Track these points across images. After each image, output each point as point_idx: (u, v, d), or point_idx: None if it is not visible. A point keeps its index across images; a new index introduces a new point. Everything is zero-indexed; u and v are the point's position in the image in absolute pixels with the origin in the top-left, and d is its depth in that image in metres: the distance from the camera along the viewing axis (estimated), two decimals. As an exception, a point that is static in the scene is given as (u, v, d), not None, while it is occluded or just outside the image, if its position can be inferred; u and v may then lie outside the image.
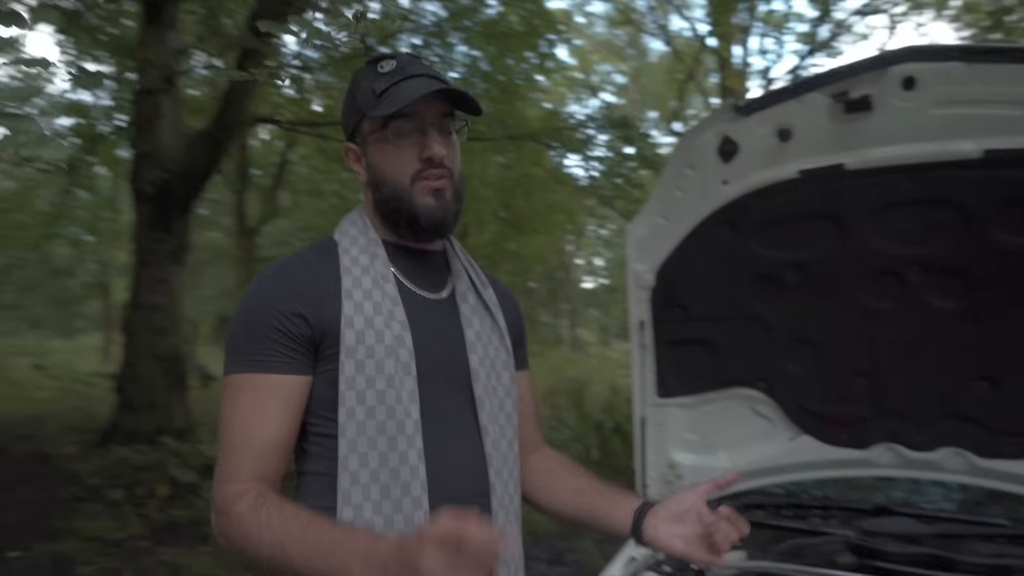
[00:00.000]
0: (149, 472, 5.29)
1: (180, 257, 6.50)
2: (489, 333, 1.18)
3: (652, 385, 2.23)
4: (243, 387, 1.02)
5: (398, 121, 1.08)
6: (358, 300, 1.05)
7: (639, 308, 2.20)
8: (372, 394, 1.02)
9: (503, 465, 1.13)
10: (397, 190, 1.10)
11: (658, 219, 2.16)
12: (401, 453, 1.01)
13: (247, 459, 1.00)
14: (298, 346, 1.03)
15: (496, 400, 1.15)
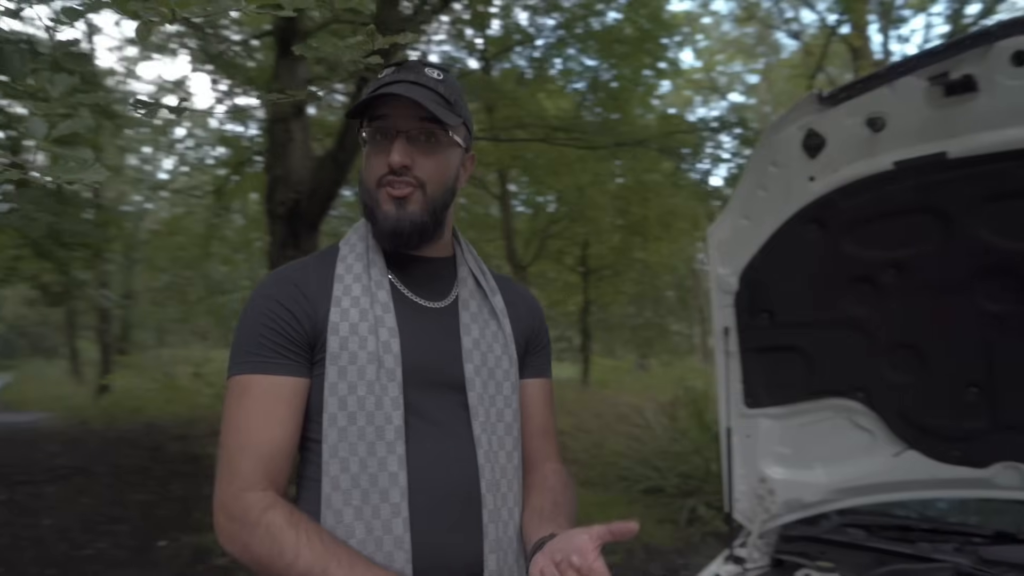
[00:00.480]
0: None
1: (309, 272, 6.93)
2: (490, 341, 1.15)
3: (739, 394, 2.12)
4: (247, 388, 1.03)
5: (372, 126, 1.09)
6: (345, 307, 1.06)
7: (723, 314, 2.11)
8: (353, 400, 1.02)
9: (500, 477, 1.10)
10: (368, 194, 1.11)
11: (741, 220, 2.06)
12: (380, 459, 1.01)
13: (259, 463, 1.00)
14: (297, 348, 1.05)
15: (494, 410, 1.12)
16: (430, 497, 1.03)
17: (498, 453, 1.10)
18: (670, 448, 6.88)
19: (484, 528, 1.05)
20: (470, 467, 1.06)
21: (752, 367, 2.10)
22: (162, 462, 6.70)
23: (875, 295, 1.92)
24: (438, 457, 1.05)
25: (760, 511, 2.11)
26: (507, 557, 1.08)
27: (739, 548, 2.09)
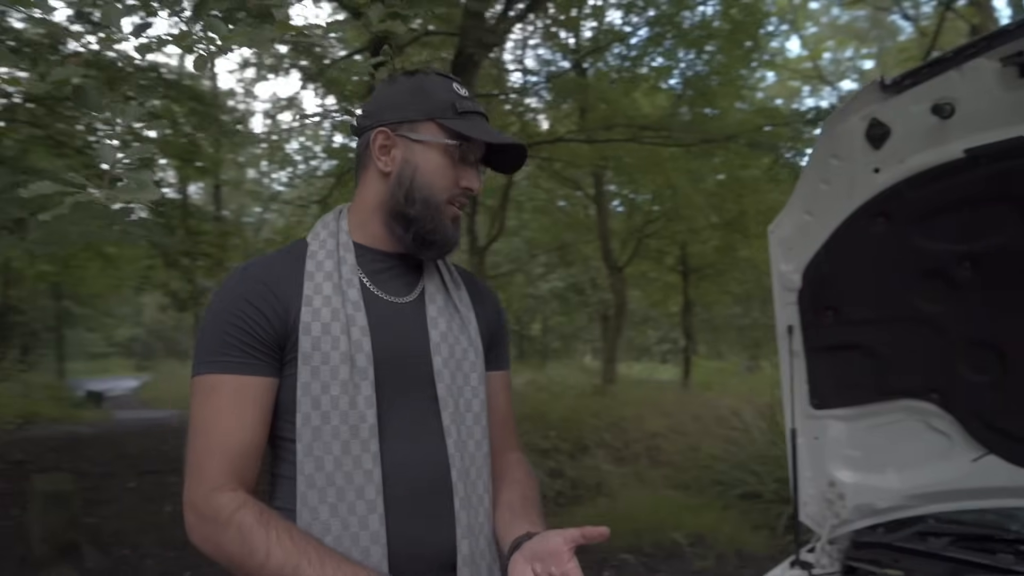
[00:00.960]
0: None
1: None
2: (457, 334, 1.16)
3: (804, 395, 2.06)
4: (214, 388, 1.03)
5: (467, 146, 1.12)
6: (316, 306, 1.05)
7: (786, 312, 2.06)
8: (327, 400, 1.03)
9: (469, 465, 1.12)
10: (431, 201, 1.11)
11: (803, 215, 2.01)
12: (355, 457, 1.03)
13: (228, 463, 1.00)
14: (264, 347, 1.04)
15: (463, 400, 1.14)
16: (404, 490, 1.05)
17: (467, 442, 1.13)
18: (769, 452, 6.64)
19: (456, 515, 1.08)
20: (441, 457, 1.09)
21: (818, 367, 2.03)
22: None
23: (949, 290, 1.82)
24: (410, 450, 1.07)
25: (829, 516, 2.04)
26: (478, 542, 1.11)
27: (807, 553, 2.03)
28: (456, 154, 1.12)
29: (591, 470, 6.66)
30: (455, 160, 1.12)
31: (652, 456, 7.67)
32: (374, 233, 1.15)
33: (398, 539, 1.04)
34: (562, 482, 6.34)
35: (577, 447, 7.57)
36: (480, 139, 1.11)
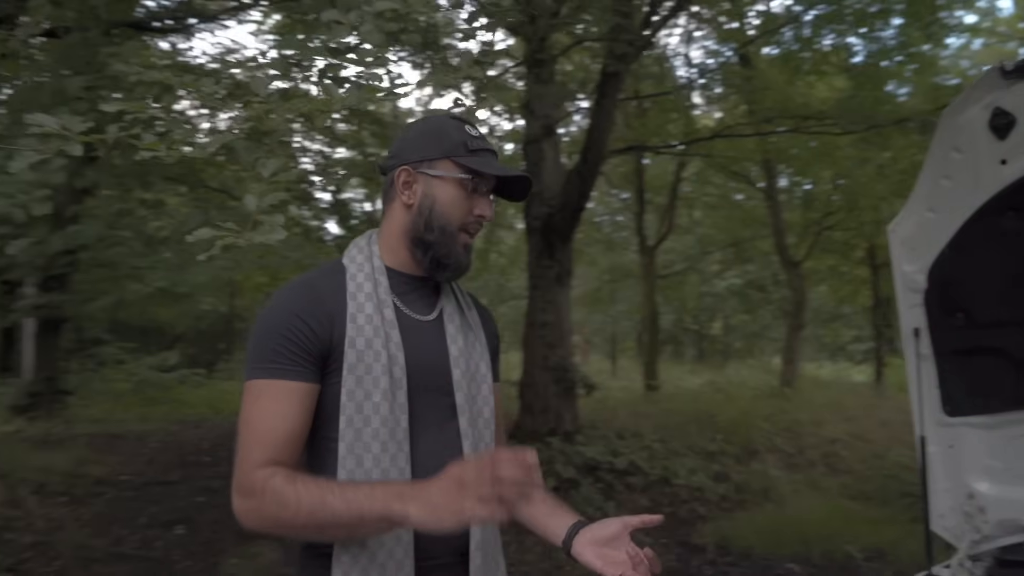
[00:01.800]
0: (541, 467, 6.14)
1: (564, 280, 7.41)
2: (470, 349, 1.30)
3: (936, 400, 1.97)
4: (263, 391, 1.16)
5: (479, 179, 1.26)
6: (360, 323, 1.19)
7: (912, 314, 1.98)
8: (369, 405, 1.17)
9: None
10: (447, 230, 1.24)
11: (925, 213, 1.93)
12: (391, 456, 1.17)
13: (270, 451, 1.13)
14: (309, 357, 1.17)
15: (476, 408, 1.28)
16: None
17: (479, 444, 1.27)
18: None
19: None
20: (459, 456, 1.22)
21: (949, 371, 1.93)
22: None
23: (1094, 289, 1.67)
24: (434, 451, 1.21)
25: (969, 530, 1.92)
26: (487, 531, 1.24)
27: (942, 568, 1.93)
28: (469, 187, 1.25)
29: (759, 475, 6.43)
30: (468, 192, 1.26)
31: (829, 463, 7.24)
32: (401, 258, 1.29)
33: None
34: (726, 486, 6.19)
35: (746, 451, 7.33)
36: (490, 173, 1.25)
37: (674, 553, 4.99)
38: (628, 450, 6.46)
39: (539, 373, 7.18)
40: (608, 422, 8.16)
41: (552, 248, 7.32)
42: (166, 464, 7.03)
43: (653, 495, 5.97)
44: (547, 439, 6.59)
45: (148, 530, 4.98)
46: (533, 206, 7.52)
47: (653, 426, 8.11)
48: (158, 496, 5.78)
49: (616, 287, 22.40)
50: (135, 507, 5.46)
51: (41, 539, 4.49)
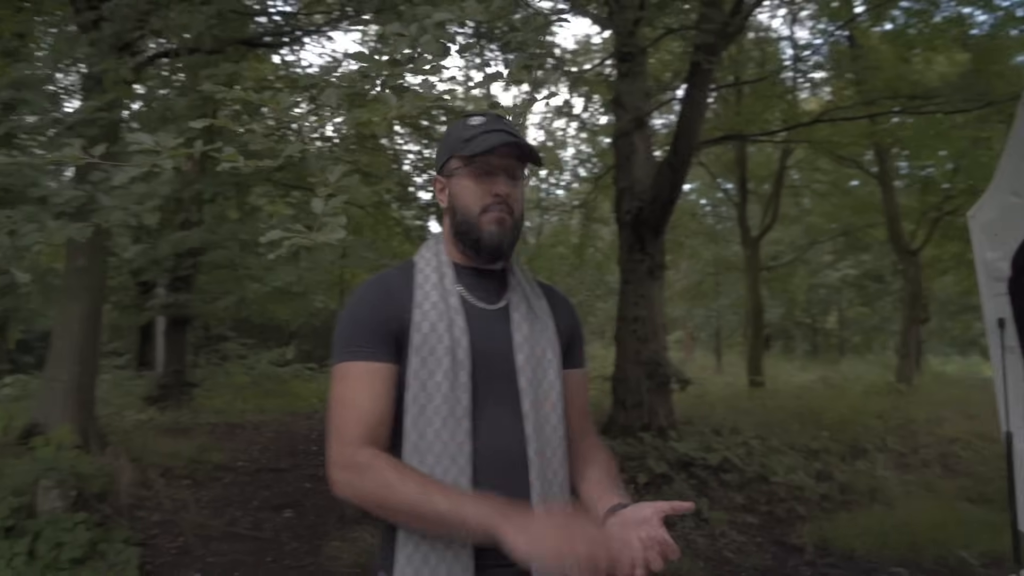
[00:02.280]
0: (633, 462, 6.14)
1: (656, 274, 7.31)
2: (537, 336, 1.37)
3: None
4: (349, 372, 1.29)
5: (478, 163, 1.34)
6: (426, 310, 1.31)
7: (996, 303, 1.89)
8: (432, 383, 1.27)
9: (544, 445, 1.32)
10: (468, 217, 1.35)
11: (1009, 198, 1.83)
12: (451, 430, 1.26)
13: (363, 427, 1.25)
14: (386, 340, 1.30)
15: (541, 391, 1.34)
16: (489, 460, 1.27)
17: (544, 426, 1.33)
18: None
19: (532, 484, 1.28)
20: (520, 436, 1.30)
21: (1039, 364, 1.82)
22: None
23: None
24: (496, 430, 1.29)
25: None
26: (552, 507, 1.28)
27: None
28: (476, 172, 1.35)
29: (865, 475, 6.14)
30: (478, 177, 1.35)
31: (946, 464, 6.80)
32: (461, 253, 1.40)
33: None
34: (829, 485, 5.94)
35: (852, 450, 7.00)
36: (479, 153, 1.32)
37: (769, 552, 4.86)
38: (723, 446, 6.33)
39: (631, 368, 7.14)
40: (705, 418, 8.01)
41: (643, 241, 7.25)
42: (278, 452, 7.52)
43: (749, 492, 5.82)
44: (639, 434, 6.56)
45: (260, 513, 5.36)
46: (624, 200, 7.48)
47: (753, 423, 7.89)
48: (270, 482, 6.21)
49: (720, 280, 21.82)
50: (249, 491, 5.89)
51: (167, 517, 4.93)
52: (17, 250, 3.10)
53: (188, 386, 10.31)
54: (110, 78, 3.05)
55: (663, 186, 6.90)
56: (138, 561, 4.10)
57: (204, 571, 4.26)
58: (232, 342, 16.64)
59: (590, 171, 12.58)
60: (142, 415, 8.19)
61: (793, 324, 27.06)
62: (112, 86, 3.08)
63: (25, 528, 4.01)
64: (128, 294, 12.49)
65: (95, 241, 4.90)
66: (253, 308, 16.21)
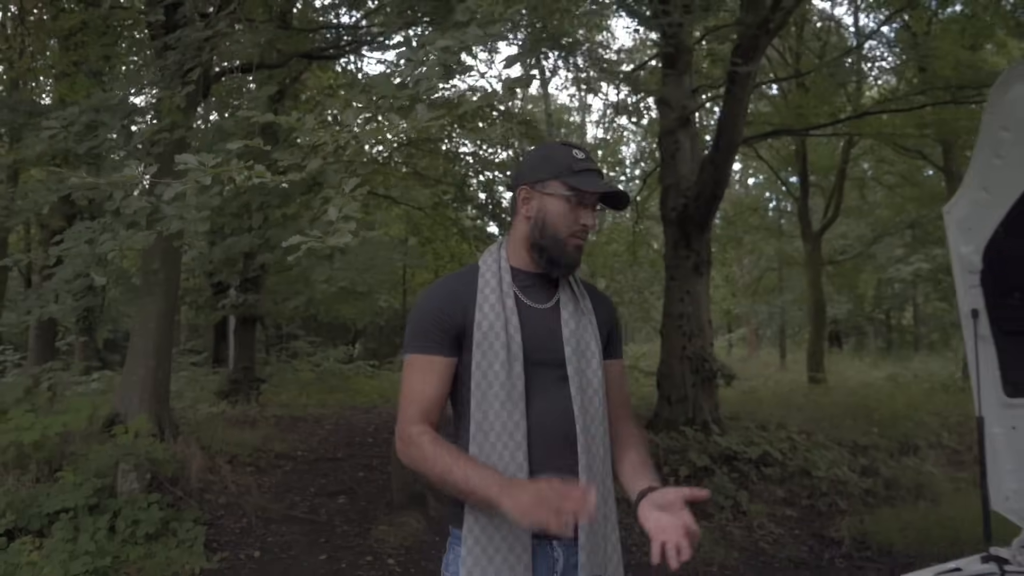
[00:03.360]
0: (675, 455, 6.23)
1: (701, 270, 7.36)
2: (583, 331, 1.58)
3: (996, 382, 1.95)
4: (414, 362, 1.53)
5: (576, 193, 1.54)
6: (486, 311, 1.52)
7: (970, 295, 1.98)
8: (492, 372, 1.49)
9: (589, 424, 1.52)
10: (556, 236, 1.54)
11: (979, 193, 1.93)
12: (508, 412, 1.48)
13: (419, 408, 1.50)
14: (447, 336, 1.52)
15: (585, 379, 1.55)
16: (542, 437, 1.49)
17: (588, 408, 1.53)
18: None
19: (579, 456, 1.49)
20: (569, 416, 1.51)
21: (1010, 352, 1.91)
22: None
23: None
24: (547, 411, 1.51)
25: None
26: (594, 476, 1.51)
27: (1003, 549, 1.93)
28: (574, 201, 1.55)
29: (912, 471, 6.07)
30: (573, 206, 1.55)
31: (1003, 461, 6.62)
32: (523, 259, 1.60)
33: (536, 467, 1.48)
34: (874, 480, 5.90)
35: (903, 446, 6.90)
36: (590, 190, 1.54)
37: (807, 545, 4.90)
38: (766, 441, 6.35)
39: (676, 363, 7.22)
40: (753, 414, 8.00)
41: (688, 238, 7.32)
42: (335, 443, 7.92)
43: (790, 486, 5.85)
44: (682, 428, 6.65)
45: (316, 498, 5.72)
46: (669, 197, 7.56)
47: (803, 419, 7.84)
48: (326, 470, 6.58)
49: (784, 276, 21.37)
50: (307, 478, 6.27)
51: (232, 500, 5.33)
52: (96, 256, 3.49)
53: (257, 381, 10.88)
54: (166, 105, 3.42)
55: (707, 183, 6.95)
56: (204, 538, 4.49)
57: (263, 549, 4.62)
58: (301, 340, 17.38)
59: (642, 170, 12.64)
60: (214, 408, 8.72)
61: (865, 320, 26.22)
62: (168, 112, 3.45)
63: (107, 506, 4.45)
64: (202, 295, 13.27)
65: (167, 246, 5.36)
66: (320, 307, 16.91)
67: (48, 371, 7.56)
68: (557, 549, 1.49)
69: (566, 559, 1.49)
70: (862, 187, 17.33)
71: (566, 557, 1.49)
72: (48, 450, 4.95)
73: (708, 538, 4.86)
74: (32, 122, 5.23)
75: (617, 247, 13.43)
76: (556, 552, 1.49)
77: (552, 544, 1.48)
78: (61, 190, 3.52)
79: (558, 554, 1.49)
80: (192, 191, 2.29)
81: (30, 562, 3.89)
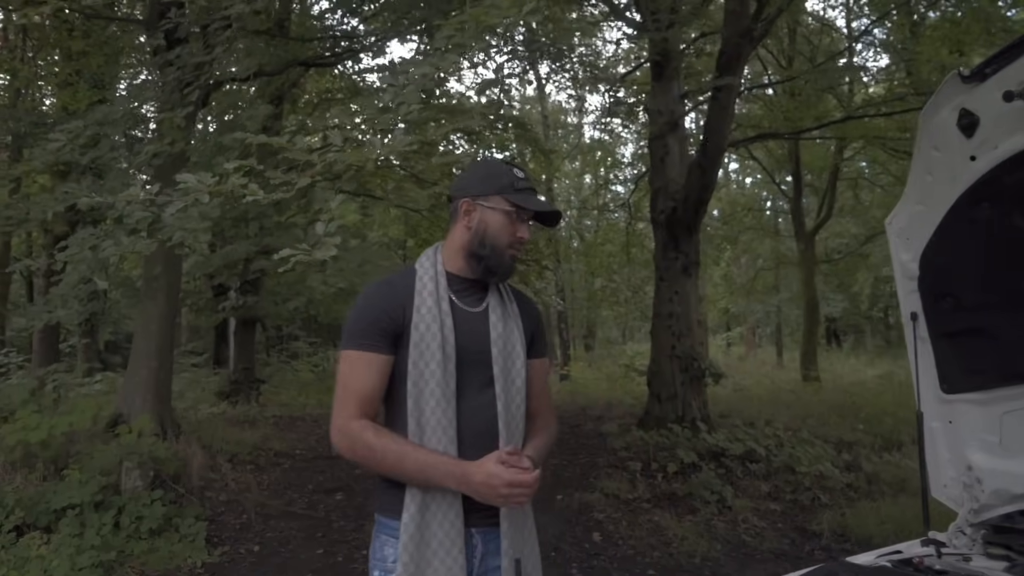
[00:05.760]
0: (664, 452, 6.40)
1: (690, 271, 7.53)
2: (509, 333, 1.71)
3: (934, 380, 2.11)
4: (354, 359, 1.62)
5: (521, 211, 1.69)
6: (423, 312, 1.63)
7: (909, 300, 2.14)
8: (428, 371, 1.60)
9: (511, 420, 1.66)
10: (496, 248, 1.68)
11: (916, 206, 2.09)
12: (443, 409, 1.59)
13: (359, 404, 1.60)
14: (388, 335, 1.62)
15: (510, 378, 1.68)
16: (470, 432, 1.61)
17: (511, 405, 1.67)
18: None
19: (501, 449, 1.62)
20: (493, 413, 1.64)
21: (944, 352, 2.07)
22: (576, 436, 8.10)
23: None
24: (475, 408, 1.63)
25: (967, 499, 2.06)
26: None
27: (941, 533, 2.09)
28: (513, 216, 1.71)
29: (895, 466, 6.23)
30: (513, 220, 1.70)
31: (984, 457, 6.78)
32: (459, 265, 1.73)
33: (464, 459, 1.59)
34: (856, 476, 6.07)
35: (888, 442, 7.06)
36: (529, 208, 1.70)
37: (788, 538, 5.07)
38: (753, 438, 6.51)
39: (666, 362, 7.39)
40: (742, 412, 8.17)
41: (677, 240, 7.49)
42: (335, 442, 8.08)
43: (776, 481, 6.01)
44: (671, 426, 6.81)
45: (314, 495, 5.90)
46: (658, 200, 7.73)
47: (791, 416, 8.01)
48: (324, 468, 6.75)
49: (781, 275, 21.54)
50: (305, 476, 6.44)
51: (232, 497, 5.51)
52: (99, 262, 3.65)
53: (257, 382, 11.05)
54: (166, 124, 3.59)
55: (694, 187, 7.11)
56: (206, 534, 4.66)
57: (263, 544, 4.79)
58: (301, 341, 17.55)
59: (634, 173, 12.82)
60: (214, 408, 8.90)
61: (863, 318, 26.39)
62: (168, 131, 3.61)
63: (111, 503, 4.62)
64: (203, 297, 13.45)
65: (168, 252, 5.53)
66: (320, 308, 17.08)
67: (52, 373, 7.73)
68: (476, 536, 1.62)
69: (484, 545, 1.63)
70: (855, 187, 17.47)
71: (484, 543, 1.63)
72: (54, 449, 5.12)
73: (692, 531, 5.03)
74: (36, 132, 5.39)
75: (612, 247, 13.60)
76: (475, 539, 1.62)
77: (471, 532, 1.61)
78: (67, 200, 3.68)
79: (476, 540, 1.62)
80: (192, 205, 2.46)
81: (39, 556, 4.06)
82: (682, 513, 5.42)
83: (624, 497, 5.68)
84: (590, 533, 5.06)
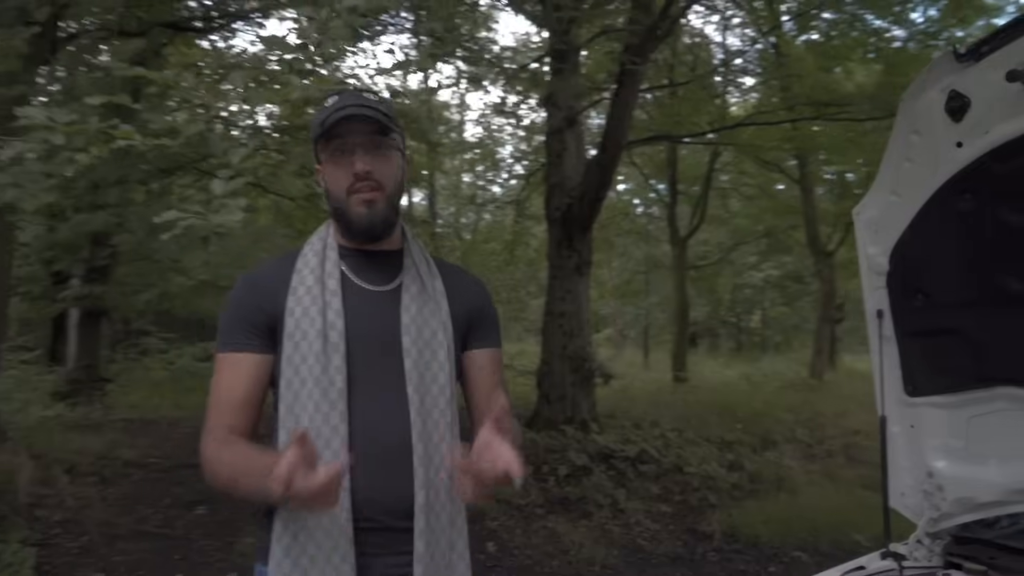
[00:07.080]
0: (555, 454, 6.24)
1: (583, 270, 7.44)
2: (428, 317, 1.35)
3: (897, 381, 1.99)
4: (222, 362, 1.31)
5: (333, 144, 1.31)
6: (300, 295, 1.30)
7: (876, 296, 2.00)
8: (305, 368, 1.26)
9: (432, 429, 1.29)
10: (337, 201, 1.32)
11: (888, 196, 1.94)
12: (324, 415, 1.24)
13: (224, 415, 1.28)
14: (257, 330, 1.30)
15: (429, 374, 1.32)
16: (370, 446, 1.25)
17: (431, 410, 1.30)
18: None
19: (415, 470, 1.26)
20: (404, 421, 1.27)
21: (911, 352, 1.95)
22: (465, 439, 7.83)
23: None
24: (378, 414, 1.27)
25: (928, 508, 1.95)
26: (438, 494, 1.28)
27: (901, 545, 1.96)
28: (337, 154, 1.31)
29: (773, 465, 6.42)
30: (338, 158, 1.31)
31: (849, 454, 7.18)
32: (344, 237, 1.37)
33: (359, 485, 1.24)
34: (740, 475, 6.19)
35: (764, 441, 7.31)
36: (321, 130, 1.30)
37: (681, 540, 5.03)
38: (642, 439, 6.51)
39: (557, 362, 7.25)
40: (627, 412, 8.20)
41: (571, 238, 7.37)
42: (194, 448, 7.14)
43: (665, 483, 6.01)
44: (562, 427, 6.67)
45: (171, 510, 5.20)
46: (554, 196, 7.58)
47: (673, 416, 8.12)
48: (183, 478, 6.00)
49: (650, 279, 22.34)
50: (160, 488, 5.69)
51: (70, 516, 4.73)
52: None
53: (101, 381, 9.87)
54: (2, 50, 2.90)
55: (592, 184, 7.02)
56: (34, 561, 3.91)
57: (107, 570, 4.10)
58: (153, 336, 16.03)
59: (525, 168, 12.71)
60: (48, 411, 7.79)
61: (719, 322, 27.95)
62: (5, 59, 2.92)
63: (-90, 527, 3.80)
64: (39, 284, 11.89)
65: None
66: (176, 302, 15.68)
67: None
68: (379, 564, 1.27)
69: None
70: (724, 196, 18.37)
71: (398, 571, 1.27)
72: None
73: (588, 537, 4.87)
74: None
75: (495, 246, 13.41)
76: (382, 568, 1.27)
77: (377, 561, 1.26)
78: None
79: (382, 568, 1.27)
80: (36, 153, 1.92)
81: None
82: (576, 518, 5.25)
83: (516, 503, 5.43)
84: (484, 543, 4.76)
